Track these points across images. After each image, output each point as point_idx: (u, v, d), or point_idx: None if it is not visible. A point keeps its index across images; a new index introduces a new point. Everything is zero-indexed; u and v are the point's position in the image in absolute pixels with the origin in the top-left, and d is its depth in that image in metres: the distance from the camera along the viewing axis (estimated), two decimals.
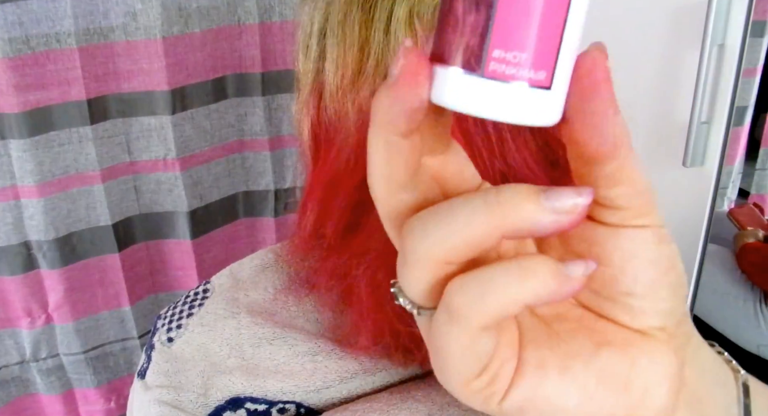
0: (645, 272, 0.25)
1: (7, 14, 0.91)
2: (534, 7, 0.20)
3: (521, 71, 0.21)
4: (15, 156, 0.98)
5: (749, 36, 1.12)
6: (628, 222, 0.25)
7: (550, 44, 0.21)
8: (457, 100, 0.21)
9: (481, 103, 0.21)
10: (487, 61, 0.21)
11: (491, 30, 0.20)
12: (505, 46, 0.20)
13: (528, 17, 0.20)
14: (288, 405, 0.47)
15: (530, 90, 0.21)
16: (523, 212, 0.21)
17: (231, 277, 0.56)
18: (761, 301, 1.41)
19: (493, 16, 0.20)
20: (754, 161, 1.61)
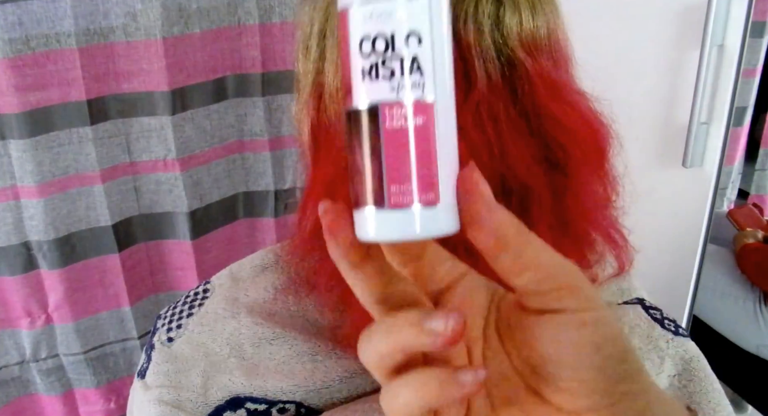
0: (567, 356, 0.26)
1: (7, 14, 0.91)
2: (408, 150, 0.26)
3: (414, 197, 0.26)
4: (15, 156, 0.98)
5: (749, 36, 1.12)
6: (547, 306, 0.26)
7: (429, 171, 0.26)
8: (376, 233, 0.27)
9: (392, 229, 0.26)
10: (388, 196, 0.26)
11: (385, 173, 0.26)
12: (398, 181, 0.26)
13: (406, 157, 0.26)
14: (288, 405, 0.47)
15: (425, 209, 0.26)
16: (409, 335, 0.26)
17: (231, 277, 0.56)
18: (761, 301, 1.41)
19: (383, 163, 0.26)
20: (754, 162, 1.61)
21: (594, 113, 0.46)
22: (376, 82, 0.26)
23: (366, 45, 0.26)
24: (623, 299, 0.56)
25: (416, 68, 0.26)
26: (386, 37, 0.26)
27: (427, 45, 0.27)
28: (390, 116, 0.26)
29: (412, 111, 0.26)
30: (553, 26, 0.44)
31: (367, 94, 0.26)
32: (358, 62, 0.27)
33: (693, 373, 0.51)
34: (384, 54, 0.26)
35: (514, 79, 0.42)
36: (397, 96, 0.26)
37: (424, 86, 0.27)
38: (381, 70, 0.26)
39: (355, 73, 0.27)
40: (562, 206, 0.44)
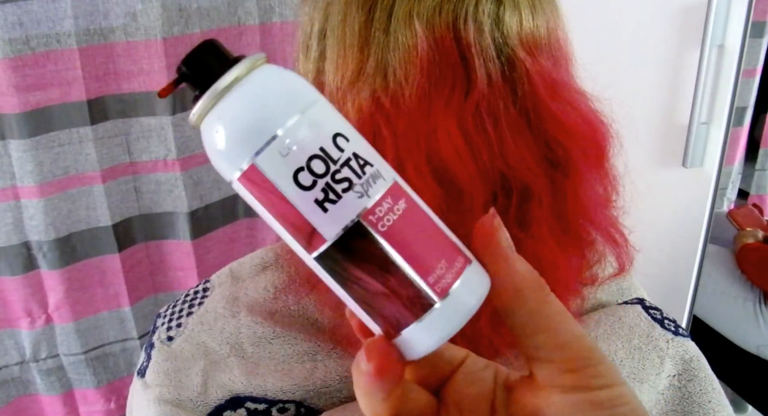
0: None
1: (7, 14, 0.91)
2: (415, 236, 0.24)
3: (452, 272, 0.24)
4: (15, 156, 0.98)
5: (749, 36, 1.12)
6: (555, 381, 0.25)
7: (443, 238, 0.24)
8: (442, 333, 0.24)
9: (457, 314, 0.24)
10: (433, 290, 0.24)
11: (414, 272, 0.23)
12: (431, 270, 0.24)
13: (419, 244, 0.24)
14: (288, 405, 0.47)
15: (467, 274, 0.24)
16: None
17: (231, 276, 0.56)
18: (761, 301, 1.41)
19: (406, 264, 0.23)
20: (754, 162, 1.61)
21: (594, 112, 0.46)
22: (341, 202, 0.23)
23: (304, 177, 0.23)
24: (623, 298, 0.56)
25: (364, 162, 0.24)
26: (318, 155, 0.23)
27: (352, 135, 0.25)
28: (377, 220, 0.24)
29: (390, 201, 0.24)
30: (553, 25, 0.44)
31: (339, 219, 0.24)
32: (306, 200, 0.23)
33: (693, 373, 0.51)
34: (328, 171, 0.23)
35: (515, 79, 0.42)
36: (370, 197, 0.24)
37: (381, 173, 0.24)
38: (336, 187, 0.23)
39: (310, 213, 0.24)
40: (562, 206, 0.44)
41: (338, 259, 0.24)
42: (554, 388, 0.25)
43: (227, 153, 0.24)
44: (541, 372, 0.25)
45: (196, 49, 0.25)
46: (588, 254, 0.49)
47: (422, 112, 0.41)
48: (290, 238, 0.25)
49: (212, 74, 0.25)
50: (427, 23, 0.41)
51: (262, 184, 0.24)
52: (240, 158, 0.24)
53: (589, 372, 0.24)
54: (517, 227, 0.43)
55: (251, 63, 0.25)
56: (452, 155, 0.41)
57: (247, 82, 0.25)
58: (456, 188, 0.41)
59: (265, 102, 0.24)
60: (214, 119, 0.25)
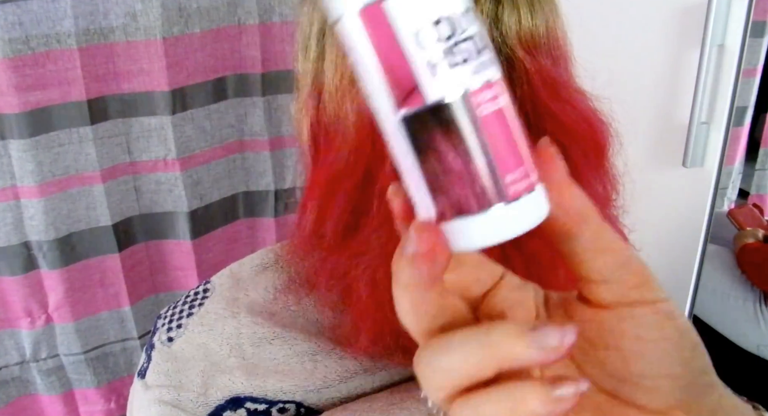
0: (653, 353, 0.25)
1: (7, 14, 0.91)
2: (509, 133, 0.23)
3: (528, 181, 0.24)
4: (15, 156, 0.98)
5: (749, 36, 1.12)
6: (623, 298, 0.25)
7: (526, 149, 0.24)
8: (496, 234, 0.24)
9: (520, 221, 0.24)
10: (507, 189, 0.23)
11: (496, 165, 0.23)
12: (511, 169, 0.23)
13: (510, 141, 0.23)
14: (288, 405, 0.47)
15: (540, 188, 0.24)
16: (514, 351, 0.23)
17: (231, 277, 0.56)
18: (761, 301, 1.41)
19: (490, 154, 0.23)
20: (754, 162, 1.61)
21: (594, 111, 0.46)
22: (452, 71, 0.23)
23: (427, 34, 0.23)
24: None
25: (483, 46, 0.24)
26: (449, 18, 0.23)
27: (478, 20, 0.24)
28: (480, 103, 0.23)
29: (496, 91, 0.24)
30: (552, 25, 0.44)
31: (446, 86, 0.23)
32: (420, 56, 0.23)
33: None
34: (452, 37, 0.23)
35: (513, 78, 0.42)
36: (481, 79, 0.23)
37: (493, 62, 0.24)
38: (455, 56, 0.23)
39: (419, 69, 0.23)
40: None
41: (428, 125, 0.23)
42: (621, 305, 0.25)
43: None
44: (605, 293, 0.25)
45: None
46: None
47: None
48: (383, 92, 0.24)
49: None
50: None
51: (382, 27, 0.23)
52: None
53: (649, 286, 0.25)
54: None
55: None
56: None
57: None
58: None
59: None
60: None
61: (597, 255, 0.25)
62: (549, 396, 0.22)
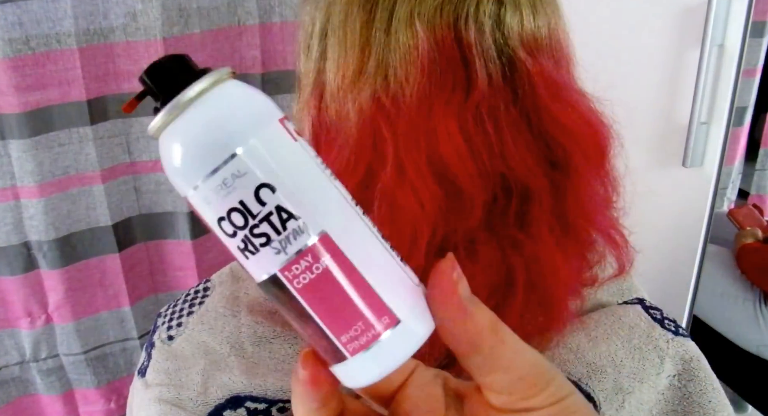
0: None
1: (7, 14, 0.91)
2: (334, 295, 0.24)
3: (368, 334, 0.24)
4: (15, 156, 0.98)
5: (749, 36, 1.12)
6: (512, 406, 0.26)
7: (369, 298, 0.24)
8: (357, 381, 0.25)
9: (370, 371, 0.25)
10: (344, 348, 0.24)
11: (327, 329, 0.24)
12: (344, 330, 0.24)
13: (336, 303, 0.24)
14: (288, 404, 0.47)
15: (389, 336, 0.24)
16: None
17: (231, 275, 0.56)
18: (761, 301, 1.41)
19: (318, 322, 0.24)
20: (754, 162, 1.61)
21: (595, 113, 0.46)
22: (258, 255, 0.24)
23: (226, 226, 0.24)
24: (623, 299, 0.56)
25: (287, 216, 0.23)
26: (237, 208, 0.23)
27: (283, 186, 0.23)
28: (293, 277, 0.24)
29: (310, 259, 0.24)
30: (554, 26, 0.44)
31: (258, 270, 0.24)
32: (230, 244, 0.24)
33: (693, 373, 0.51)
34: (246, 225, 0.23)
35: (515, 79, 0.42)
36: (287, 255, 0.24)
37: (306, 228, 0.24)
38: (254, 240, 0.24)
39: (236, 254, 0.24)
40: (562, 207, 0.44)
41: (270, 296, 0.25)
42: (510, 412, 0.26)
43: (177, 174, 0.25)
44: (496, 400, 0.26)
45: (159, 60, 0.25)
46: (588, 255, 0.49)
47: (422, 112, 0.41)
48: None
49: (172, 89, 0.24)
50: (428, 24, 0.41)
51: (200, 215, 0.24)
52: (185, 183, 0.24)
53: (542, 395, 0.26)
54: (517, 228, 0.43)
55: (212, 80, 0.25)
56: (452, 156, 0.41)
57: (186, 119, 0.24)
58: (456, 189, 0.41)
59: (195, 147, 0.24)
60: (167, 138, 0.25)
61: (489, 373, 0.26)
62: None
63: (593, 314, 0.53)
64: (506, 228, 0.43)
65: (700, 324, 1.46)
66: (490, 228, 0.43)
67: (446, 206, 0.42)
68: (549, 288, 0.44)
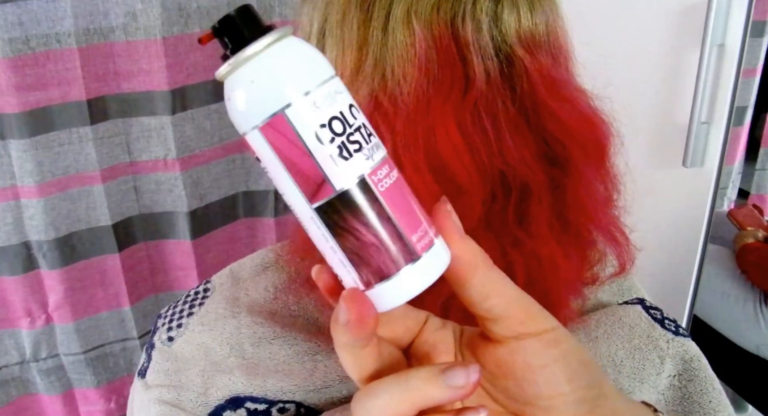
0: (542, 377, 0.29)
1: (7, 14, 0.91)
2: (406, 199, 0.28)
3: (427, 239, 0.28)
4: (15, 156, 0.98)
5: (749, 36, 1.12)
6: (511, 333, 0.29)
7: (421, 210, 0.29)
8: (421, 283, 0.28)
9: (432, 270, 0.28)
10: (414, 247, 0.28)
11: (402, 229, 0.28)
12: (414, 229, 0.28)
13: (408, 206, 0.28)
14: (288, 405, 0.47)
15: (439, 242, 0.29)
16: (429, 393, 0.27)
17: (231, 276, 0.56)
18: (761, 301, 1.41)
19: (395, 221, 0.28)
20: (754, 161, 1.61)
21: (594, 110, 0.46)
22: (352, 159, 0.27)
23: (324, 133, 0.27)
24: (623, 299, 0.56)
25: (369, 132, 0.28)
26: (338, 117, 0.27)
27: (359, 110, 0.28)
28: (378, 180, 0.28)
29: (388, 168, 0.28)
30: (553, 24, 0.44)
31: (349, 173, 0.27)
32: (323, 152, 0.27)
33: (693, 373, 0.51)
34: (344, 132, 0.27)
35: (513, 77, 0.42)
36: (374, 161, 0.28)
37: (380, 143, 0.29)
38: (350, 146, 0.27)
39: (324, 163, 0.27)
40: (562, 204, 0.44)
41: (340, 210, 0.27)
42: (510, 339, 0.29)
43: (254, 104, 0.27)
44: (496, 329, 0.29)
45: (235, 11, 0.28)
46: (589, 254, 0.49)
47: (420, 110, 0.41)
48: (294, 189, 0.28)
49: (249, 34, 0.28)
50: (425, 22, 0.41)
51: (286, 134, 0.27)
52: (267, 108, 0.27)
53: (534, 320, 0.29)
54: (517, 226, 0.43)
55: (286, 30, 0.28)
56: (450, 154, 0.41)
57: (286, 45, 0.28)
58: (454, 187, 0.41)
59: (302, 62, 0.28)
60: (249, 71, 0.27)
61: (485, 298, 0.29)
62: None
63: (593, 314, 0.53)
64: (505, 226, 0.43)
65: (700, 323, 1.46)
66: (489, 226, 0.43)
67: None
68: (549, 286, 0.44)
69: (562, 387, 0.29)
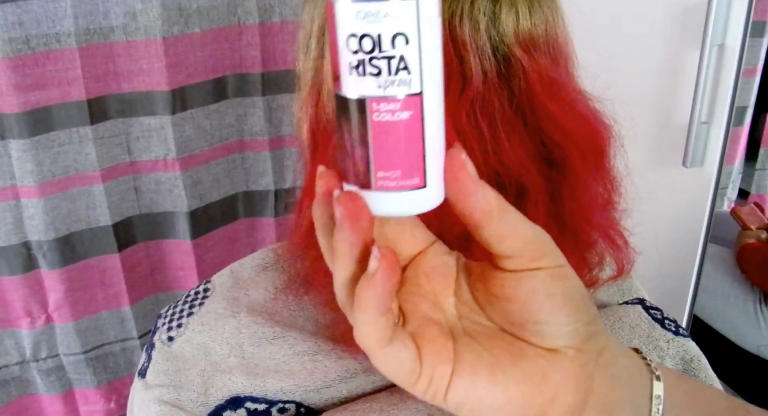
0: (544, 305, 0.30)
1: (7, 14, 0.91)
2: (395, 141, 0.28)
3: (400, 182, 0.29)
4: (15, 156, 0.98)
5: (749, 36, 1.12)
6: (524, 266, 0.30)
7: (417, 158, 0.29)
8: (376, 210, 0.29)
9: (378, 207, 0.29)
10: (375, 180, 0.29)
11: (372, 160, 0.28)
12: (384, 168, 0.29)
13: (392, 147, 0.28)
14: (288, 405, 0.47)
15: (409, 193, 0.29)
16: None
17: (231, 276, 0.56)
18: (761, 301, 1.41)
19: (371, 151, 0.28)
20: (754, 161, 1.60)
21: (593, 112, 0.46)
22: (363, 78, 0.28)
23: (353, 42, 0.27)
24: (624, 299, 0.56)
25: (402, 67, 0.28)
26: (373, 37, 0.27)
27: (414, 44, 0.28)
28: (377, 110, 0.28)
29: (398, 106, 0.28)
30: (552, 24, 0.44)
31: (354, 88, 0.28)
32: (345, 56, 0.28)
33: (693, 373, 0.51)
34: (371, 53, 0.27)
35: (511, 77, 0.42)
36: (384, 92, 0.28)
37: (410, 83, 0.28)
38: (368, 67, 0.27)
39: (343, 66, 0.28)
40: (559, 206, 0.44)
41: (341, 108, 0.29)
42: (523, 272, 0.30)
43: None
44: (510, 264, 0.30)
45: None
46: (588, 257, 0.49)
47: None
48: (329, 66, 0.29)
49: None
50: None
51: (331, 21, 0.28)
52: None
53: (547, 258, 0.30)
54: None
55: None
56: None
57: None
58: None
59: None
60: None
61: (501, 241, 0.30)
62: None
63: None
64: None
65: (700, 323, 1.46)
66: None
67: None
68: None
69: (561, 317, 0.31)
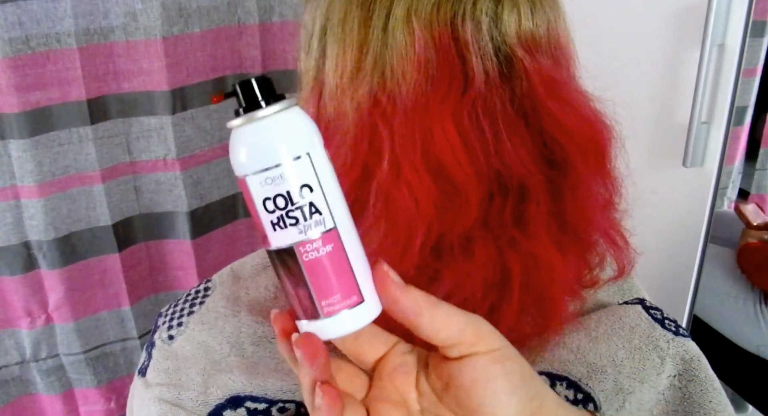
0: (486, 389, 0.33)
1: (7, 14, 0.91)
2: (329, 269, 0.33)
3: (342, 304, 0.33)
4: (15, 156, 0.98)
5: (749, 36, 1.12)
6: (464, 352, 0.33)
7: (349, 279, 0.33)
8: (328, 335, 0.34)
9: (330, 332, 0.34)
10: (321, 309, 0.33)
11: (314, 294, 0.33)
12: (325, 297, 0.33)
13: (327, 277, 0.33)
14: (288, 405, 0.47)
15: (353, 310, 0.34)
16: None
17: (232, 275, 0.56)
18: (761, 301, 1.41)
19: (310, 287, 0.33)
20: (754, 161, 1.61)
21: (595, 112, 0.46)
22: (286, 230, 0.32)
23: (269, 204, 0.32)
24: (624, 299, 0.56)
25: (314, 211, 0.32)
26: (283, 195, 0.32)
27: (318, 190, 0.33)
28: (304, 252, 0.32)
29: (321, 243, 0.33)
30: (554, 24, 0.44)
31: (281, 239, 0.33)
32: (266, 217, 0.33)
33: (693, 373, 0.51)
34: (285, 208, 0.32)
35: (512, 77, 0.42)
36: (306, 236, 0.32)
37: (324, 221, 0.33)
38: (287, 220, 0.32)
39: (267, 225, 0.33)
40: (560, 206, 0.44)
41: (275, 260, 0.34)
42: (463, 359, 0.33)
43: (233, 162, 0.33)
44: (449, 352, 0.34)
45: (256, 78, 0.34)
46: (588, 256, 0.49)
47: (418, 110, 0.41)
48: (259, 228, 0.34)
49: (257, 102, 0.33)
50: (425, 22, 0.41)
51: (246, 194, 0.33)
52: (238, 171, 0.33)
53: (483, 342, 0.33)
54: (514, 226, 0.43)
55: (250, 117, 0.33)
56: (448, 153, 0.41)
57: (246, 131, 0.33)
58: (451, 186, 0.41)
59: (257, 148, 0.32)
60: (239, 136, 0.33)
61: (437, 332, 0.33)
62: None
63: (593, 314, 0.53)
64: (503, 226, 0.43)
65: (700, 324, 1.46)
66: (486, 226, 0.43)
67: (442, 203, 0.42)
68: (545, 287, 0.44)
69: (503, 398, 0.33)
